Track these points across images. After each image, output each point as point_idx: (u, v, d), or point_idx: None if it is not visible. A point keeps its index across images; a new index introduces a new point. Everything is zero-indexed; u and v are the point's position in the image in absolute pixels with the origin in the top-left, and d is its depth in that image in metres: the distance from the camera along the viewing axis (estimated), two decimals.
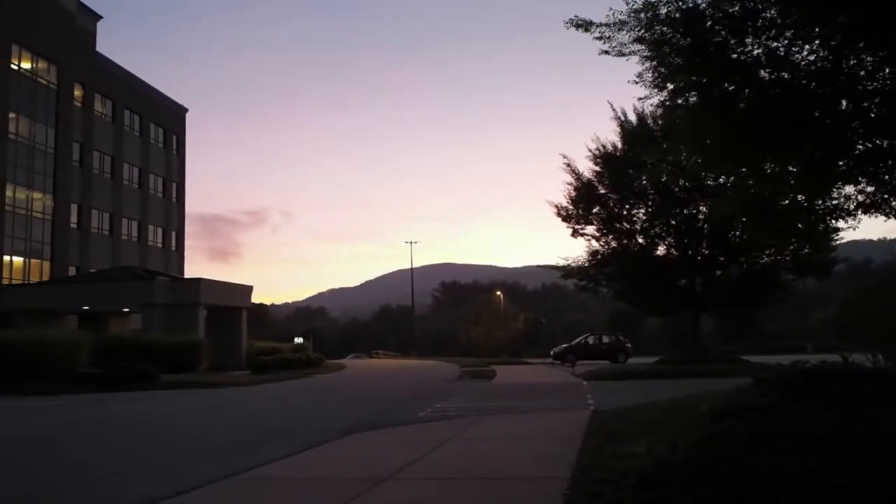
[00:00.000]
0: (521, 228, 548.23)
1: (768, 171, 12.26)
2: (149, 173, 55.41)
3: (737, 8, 9.98)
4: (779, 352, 37.30)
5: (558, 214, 31.44)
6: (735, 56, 10.35)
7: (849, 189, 12.46)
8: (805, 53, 10.37)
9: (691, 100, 11.28)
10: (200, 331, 34.54)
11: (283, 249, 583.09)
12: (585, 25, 10.86)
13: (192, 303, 35.18)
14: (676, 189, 28.54)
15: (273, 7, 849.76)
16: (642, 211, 30.83)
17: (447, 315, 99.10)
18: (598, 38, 10.88)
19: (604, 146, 30.30)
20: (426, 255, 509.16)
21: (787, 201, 13.74)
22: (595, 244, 31.46)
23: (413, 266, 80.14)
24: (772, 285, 30.86)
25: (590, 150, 30.58)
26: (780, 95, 10.28)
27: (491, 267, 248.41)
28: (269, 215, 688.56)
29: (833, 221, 14.23)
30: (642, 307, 36.53)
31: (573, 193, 30.96)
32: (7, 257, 41.48)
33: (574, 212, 31.12)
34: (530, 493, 5.78)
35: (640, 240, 31.13)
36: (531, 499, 5.61)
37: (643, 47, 10.74)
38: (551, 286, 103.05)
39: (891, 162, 11.13)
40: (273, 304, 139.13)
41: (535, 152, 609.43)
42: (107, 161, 51.01)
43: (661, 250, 31.61)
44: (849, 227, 20.21)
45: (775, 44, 10.28)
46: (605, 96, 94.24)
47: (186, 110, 62.72)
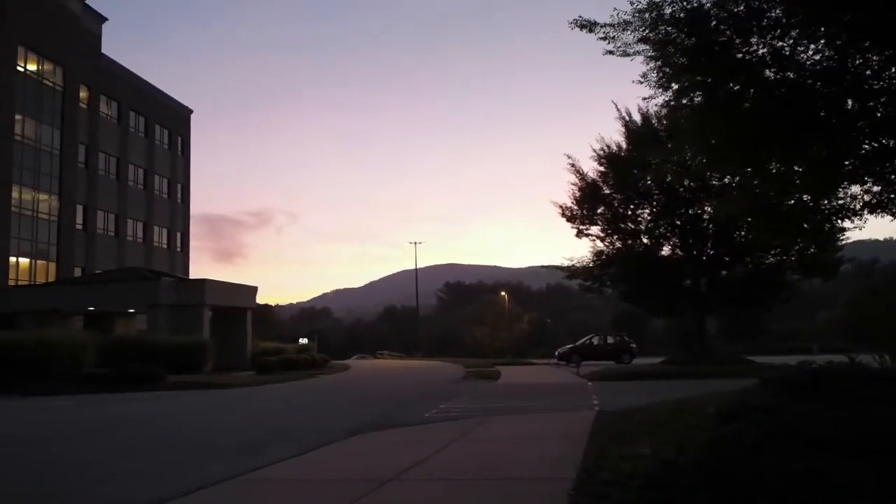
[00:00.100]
0: (526, 229, 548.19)
1: (774, 170, 12.24)
2: (154, 174, 55.60)
3: (742, 7, 9.96)
4: (785, 352, 37.11)
5: (563, 215, 31.42)
6: (740, 56, 10.33)
7: (855, 189, 12.43)
8: (810, 53, 10.35)
9: (696, 100, 11.27)
10: (205, 331, 34.64)
11: (287, 250, 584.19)
12: (590, 26, 10.87)
13: (197, 303, 35.28)
14: (681, 189, 28.48)
15: (277, 9, 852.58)
16: (647, 211, 30.77)
17: (452, 316, 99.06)
18: (602, 38, 10.90)
19: (608, 146, 30.26)
20: (430, 256, 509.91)
21: (793, 201, 13.70)
22: (600, 244, 31.46)
23: (417, 267, 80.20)
24: (777, 285, 30.75)
25: (594, 150, 30.56)
26: (786, 95, 10.26)
27: (495, 267, 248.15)
28: (273, 216, 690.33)
29: (839, 221, 14.20)
30: (647, 308, 36.46)
31: (578, 194, 30.92)
32: (13, 258, 41.67)
33: (579, 212, 31.07)
34: (536, 494, 5.77)
35: (645, 240, 31.07)
36: (537, 499, 5.60)
37: (648, 47, 10.74)
38: (556, 287, 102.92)
39: None
40: (278, 305, 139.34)
41: (539, 153, 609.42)
42: (112, 162, 51.20)
43: (665, 250, 31.57)
44: (855, 227, 20.20)
45: (780, 43, 10.26)
46: (610, 96, 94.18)
47: (191, 111, 62.89)
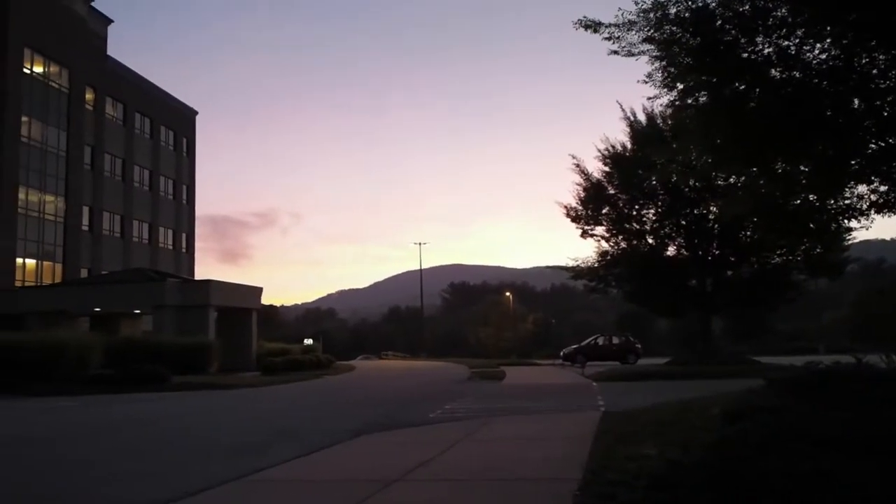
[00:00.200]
0: (530, 229, 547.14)
1: (779, 170, 12.20)
2: (159, 175, 55.79)
3: (747, 7, 9.94)
4: (790, 353, 37.03)
5: (567, 215, 31.39)
6: (745, 55, 10.31)
7: (861, 188, 12.40)
8: (816, 52, 10.32)
9: (701, 99, 11.25)
10: (211, 332, 34.70)
11: (292, 251, 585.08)
12: (594, 26, 10.86)
13: (203, 304, 35.36)
14: (686, 189, 28.42)
15: (280, 10, 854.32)
16: (652, 211, 30.71)
17: (456, 316, 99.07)
18: (607, 38, 10.89)
19: (613, 146, 30.22)
20: (435, 257, 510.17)
21: (799, 201, 13.66)
22: (604, 245, 31.40)
23: (422, 267, 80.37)
24: (783, 286, 30.66)
25: (599, 150, 30.54)
26: (792, 94, 10.22)
27: (500, 268, 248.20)
28: (278, 217, 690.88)
29: (845, 221, 14.15)
30: (652, 308, 36.38)
31: (582, 194, 30.89)
32: (20, 259, 41.86)
33: (583, 212, 31.03)
34: (541, 495, 5.76)
35: (650, 240, 31.01)
36: (542, 500, 5.59)
37: (652, 47, 10.72)
38: (560, 287, 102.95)
39: None
40: (283, 306, 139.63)
41: (543, 153, 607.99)
42: (118, 164, 51.41)
43: (671, 251, 31.49)
44: (861, 227, 20.03)
45: (786, 42, 10.23)
46: (614, 96, 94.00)
47: (196, 113, 63.08)
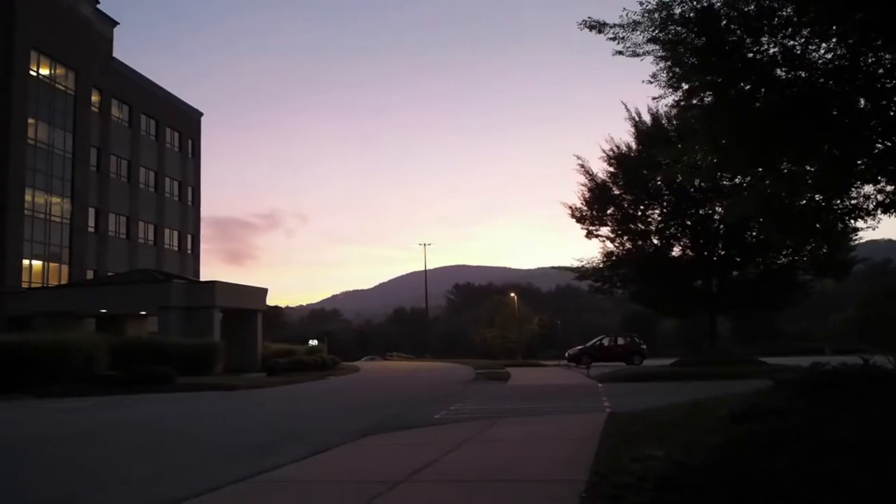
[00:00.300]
0: (535, 230, 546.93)
1: (785, 170, 12.15)
2: (165, 177, 55.94)
3: (752, 6, 9.91)
4: (797, 353, 36.91)
5: (572, 216, 31.37)
6: (751, 55, 10.28)
7: (868, 188, 12.33)
8: (822, 52, 10.28)
9: (706, 100, 11.22)
10: (216, 333, 34.80)
11: (297, 252, 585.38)
12: (599, 26, 10.85)
13: (208, 305, 35.46)
14: (692, 189, 28.35)
15: (285, 13, 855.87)
16: (657, 212, 30.66)
17: (461, 317, 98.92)
18: (611, 38, 10.87)
19: (618, 147, 30.21)
20: (440, 257, 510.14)
21: (805, 201, 13.58)
22: (610, 245, 31.38)
23: (427, 268, 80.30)
24: (789, 286, 30.57)
25: (604, 150, 30.53)
26: (797, 94, 10.19)
27: (505, 268, 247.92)
28: (283, 218, 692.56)
29: (852, 221, 14.06)
30: (657, 309, 36.32)
31: (587, 194, 30.87)
32: (27, 261, 42.02)
33: (588, 213, 31.01)
34: (548, 496, 5.75)
35: (655, 241, 30.94)
36: (548, 502, 5.58)
37: (657, 47, 10.70)
38: (566, 288, 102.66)
39: None
40: (287, 307, 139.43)
41: (548, 153, 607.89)
42: (123, 165, 51.57)
43: (676, 251, 31.45)
44: (868, 227, 20.03)
45: (791, 42, 10.20)
46: (619, 97, 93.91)
47: (201, 114, 63.26)
